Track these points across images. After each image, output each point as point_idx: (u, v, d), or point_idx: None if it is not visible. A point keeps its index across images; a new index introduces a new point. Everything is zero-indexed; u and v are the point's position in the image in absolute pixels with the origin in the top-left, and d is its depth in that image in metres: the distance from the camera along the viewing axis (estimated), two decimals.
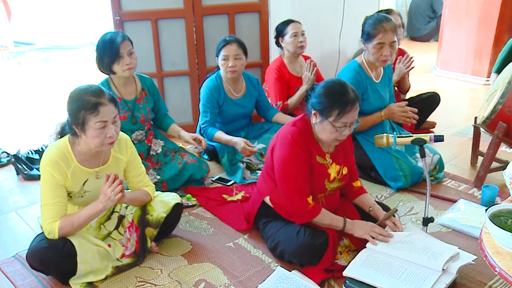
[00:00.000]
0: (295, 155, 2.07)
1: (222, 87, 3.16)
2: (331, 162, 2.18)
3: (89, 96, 1.90)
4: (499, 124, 2.72)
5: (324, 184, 2.16)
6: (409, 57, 3.48)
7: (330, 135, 2.04)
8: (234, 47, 3.05)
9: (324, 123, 2.02)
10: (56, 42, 8.44)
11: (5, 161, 3.41)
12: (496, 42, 4.91)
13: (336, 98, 1.98)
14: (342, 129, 2.01)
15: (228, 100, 3.19)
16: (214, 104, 3.14)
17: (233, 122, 3.27)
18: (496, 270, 1.43)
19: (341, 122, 1.99)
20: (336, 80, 2.09)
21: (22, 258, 2.27)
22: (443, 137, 2.19)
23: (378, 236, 2.05)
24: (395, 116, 2.92)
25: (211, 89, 3.13)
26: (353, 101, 1.98)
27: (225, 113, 3.21)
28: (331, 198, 2.26)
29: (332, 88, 2.02)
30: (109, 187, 1.94)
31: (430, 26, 7.26)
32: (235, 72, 3.09)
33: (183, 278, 2.12)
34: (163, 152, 2.93)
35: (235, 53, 3.05)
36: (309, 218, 2.10)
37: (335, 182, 2.20)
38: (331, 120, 1.99)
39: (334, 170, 2.18)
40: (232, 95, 3.20)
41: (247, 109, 3.29)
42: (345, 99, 1.97)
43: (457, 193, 2.83)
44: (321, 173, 2.14)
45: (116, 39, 2.61)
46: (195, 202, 2.78)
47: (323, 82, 2.08)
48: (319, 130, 2.07)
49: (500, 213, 1.56)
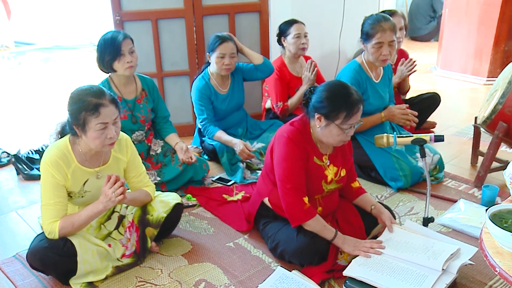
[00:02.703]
0: (291, 153, 2.07)
1: (210, 84, 3.20)
2: (328, 163, 2.17)
3: (90, 97, 1.90)
4: (499, 124, 2.72)
5: (321, 185, 2.16)
6: (412, 61, 3.48)
7: (337, 137, 2.04)
8: (231, 45, 3.08)
9: (330, 126, 2.01)
10: (56, 42, 8.45)
11: (5, 161, 3.41)
12: (496, 42, 4.92)
13: (342, 101, 1.98)
14: (348, 131, 2.02)
15: (218, 96, 3.22)
16: (208, 101, 3.18)
17: (228, 116, 3.30)
18: (497, 270, 1.43)
19: (348, 124, 2.00)
20: (337, 82, 2.08)
21: (22, 258, 2.27)
22: (443, 137, 2.20)
23: (369, 250, 2.00)
24: (395, 118, 2.93)
25: (200, 89, 3.16)
26: (358, 102, 1.99)
27: (218, 109, 3.24)
28: (329, 199, 2.25)
29: (336, 91, 2.01)
30: (110, 188, 1.94)
31: (431, 26, 7.26)
32: (230, 70, 3.15)
33: (183, 278, 2.12)
34: (162, 153, 2.93)
35: (231, 51, 3.09)
36: (304, 219, 2.07)
37: (333, 184, 2.20)
38: (338, 123, 1.99)
39: (332, 172, 2.18)
40: (220, 90, 3.24)
41: (237, 100, 3.32)
42: (351, 101, 1.97)
43: (457, 193, 2.83)
44: (317, 174, 2.14)
45: (118, 37, 2.62)
46: (195, 202, 2.78)
47: (325, 86, 2.05)
48: (324, 134, 2.05)
49: (500, 213, 1.56)
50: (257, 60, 3.24)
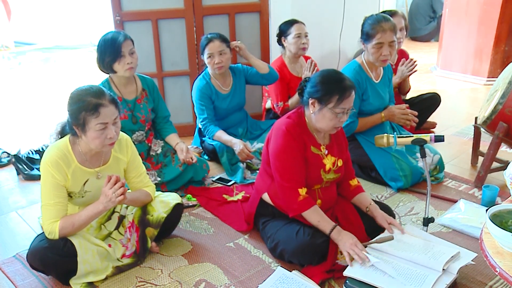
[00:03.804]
0: (288, 146, 2.10)
1: (211, 84, 3.20)
2: (326, 153, 2.20)
3: (89, 97, 1.90)
4: (499, 124, 2.72)
5: (320, 174, 2.18)
6: (412, 61, 3.48)
7: (330, 122, 2.07)
8: (217, 43, 3.08)
9: (323, 110, 2.05)
10: (56, 42, 8.45)
11: (5, 161, 3.41)
12: (497, 42, 4.91)
13: (335, 84, 2.04)
14: (340, 116, 2.06)
15: (219, 96, 3.22)
16: (208, 101, 3.18)
17: (228, 116, 3.30)
18: (497, 271, 1.43)
19: (341, 107, 2.03)
20: (330, 70, 2.14)
21: (22, 258, 2.27)
22: (443, 137, 2.20)
23: (354, 255, 1.98)
24: (395, 118, 2.93)
25: (201, 89, 3.17)
26: (351, 87, 2.05)
27: (219, 109, 3.24)
28: (328, 191, 2.26)
29: (329, 75, 2.08)
30: (110, 189, 1.94)
31: (431, 26, 7.26)
32: (222, 68, 3.14)
33: (183, 278, 2.12)
34: (162, 153, 2.93)
35: (219, 49, 3.08)
36: (300, 210, 2.09)
37: (331, 173, 2.21)
38: (331, 107, 2.03)
39: (330, 161, 2.20)
40: (222, 90, 3.24)
41: (238, 100, 3.32)
42: (344, 85, 2.04)
43: (457, 193, 2.83)
44: (316, 163, 2.16)
45: (118, 38, 2.61)
46: (196, 202, 2.78)
47: (319, 72, 2.13)
48: (318, 119, 2.09)
49: (501, 213, 1.56)
50: (263, 70, 3.25)
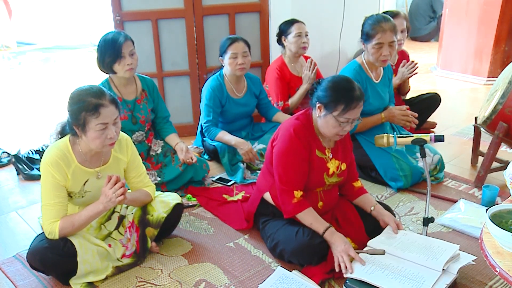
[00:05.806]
0: (293, 149, 2.10)
1: (224, 86, 3.18)
2: (331, 157, 2.20)
3: (90, 97, 1.90)
4: (499, 124, 2.72)
5: (323, 178, 2.18)
6: (413, 63, 3.48)
7: (332, 129, 2.06)
8: (242, 44, 3.08)
9: (327, 117, 2.04)
10: (56, 42, 8.46)
11: (5, 161, 3.41)
12: (497, 42, 4.92)
13: (343, 93, 2.01)
14: (344, 125, 2.04)
15: (231, 100, 3.20)
16: (217, 104, 3.15)
17: (235, 121, 3.29)
18: (497, 270, 1.43)
19: (345, 117, 2.02)
20: (343, 76, 2.12)
21: (22, 258, 2.27)
22: (443, 137, 2.20)
23: (342, 262, 1.96)
24: (395, 119, 2.93)
25: (214, 89, 3.14)
26: (359, 99, 2.02)
27: (228, 113, 3.22)
28: (330, 194, 2.27)
29: (339, 83, 2.05)
30: (110, 189, 1.94)
31: (431, 26, 7.26)
32: (244, 69, 3.12)
33: (183, 278, 2.12)
34: (162, 153, 2.93)
35: (243, 50, 3.08)
36: (293, 212, 2.11)
37: (334, 177, 2.21)
38: (335, 115, 2.02)
39: (334, 165, 2.20)
40: (234, 94, 3.21)
41: (249, 108, 3.31)
42: (352, 95, 2.00)
43: (457, 193, 2.83)
44: (320, 167, 2.16)
45: (119, 39, 2.61)
46: (196, 202, 2.78)
47: (331, 77, 2.11)
48: (322, 124, 2.09)
49: (501, 213, 1.56)
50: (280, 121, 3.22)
